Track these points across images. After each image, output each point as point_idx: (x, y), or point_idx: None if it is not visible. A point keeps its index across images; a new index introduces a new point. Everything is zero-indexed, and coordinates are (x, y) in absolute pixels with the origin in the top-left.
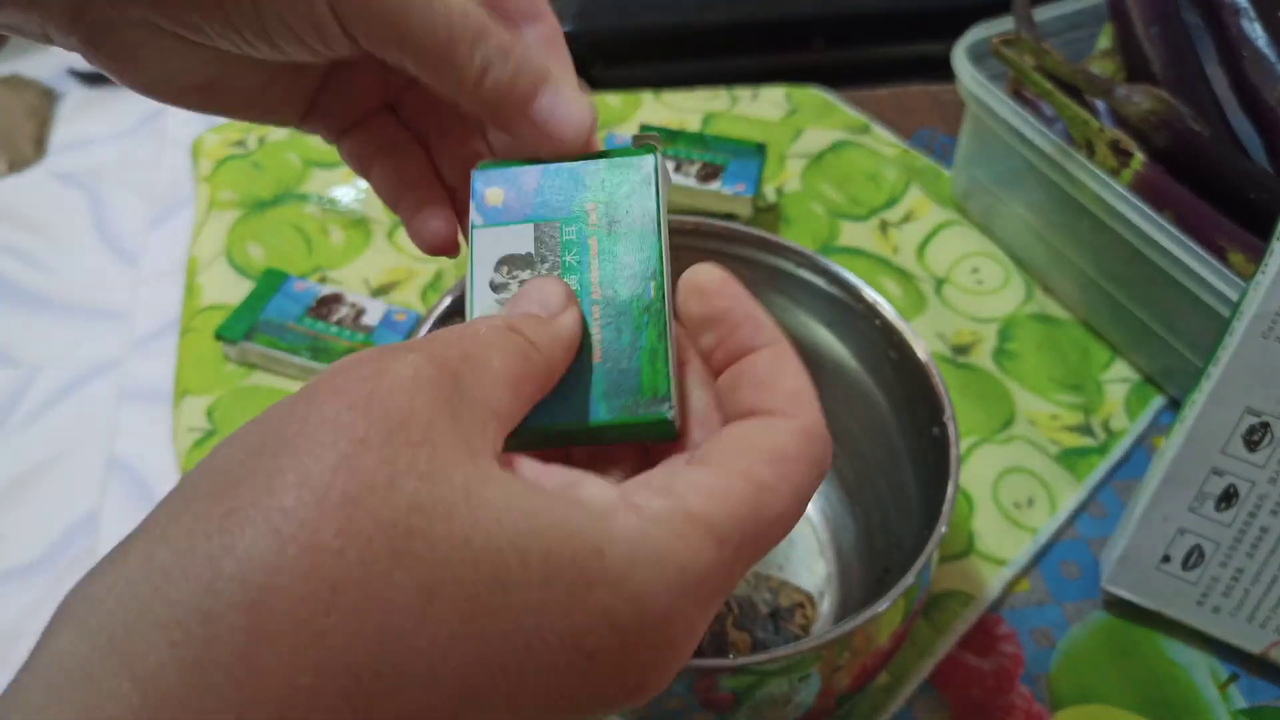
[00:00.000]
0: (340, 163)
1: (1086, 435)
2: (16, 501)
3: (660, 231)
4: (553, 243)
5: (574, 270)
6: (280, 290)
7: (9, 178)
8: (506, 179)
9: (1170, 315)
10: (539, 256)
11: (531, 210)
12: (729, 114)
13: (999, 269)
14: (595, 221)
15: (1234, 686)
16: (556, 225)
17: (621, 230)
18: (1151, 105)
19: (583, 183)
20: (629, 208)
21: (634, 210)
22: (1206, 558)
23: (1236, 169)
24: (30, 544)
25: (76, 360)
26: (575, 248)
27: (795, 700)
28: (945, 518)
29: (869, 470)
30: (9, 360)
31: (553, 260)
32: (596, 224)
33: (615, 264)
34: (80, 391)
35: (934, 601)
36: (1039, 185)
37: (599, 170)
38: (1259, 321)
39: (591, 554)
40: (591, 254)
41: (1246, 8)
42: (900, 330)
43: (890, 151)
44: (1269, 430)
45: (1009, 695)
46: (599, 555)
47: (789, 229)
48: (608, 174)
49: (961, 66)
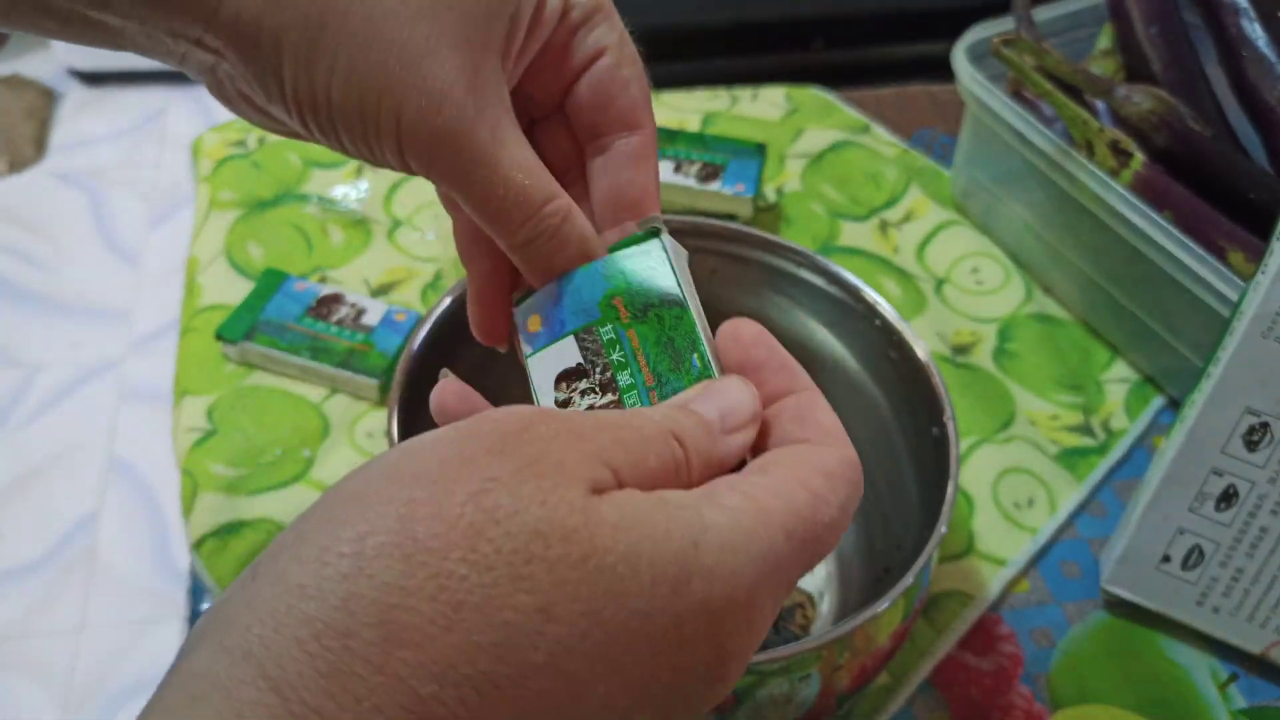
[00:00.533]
0: (340, 163)
1: (1086, 435)
2: (16, 501)
3: (688, 303)
4: (596, 346)
5: (624, 366)
6: (280, 290)
7: (9, 178)
8: (537, 305)
9: (1170, 315)
10: (589, 363)
11: (566, 323)
12: (729, 114)
13: (999, 269)
14: (626, 315)
15: (1234, 686)
16: (593, 329)
17: (653, 315)
18: (1151, 105)
19: (601, 280)
20: (652, 290)
21: (657, 291)
22: (1206, 558)
23: (1236, 169)
24: (30, 544)
25: (77, 360)
26: (618, 345)
27: (795, 700)
28: (945, 518)
29: (869, 470)
30: (9, 360)
31: (602, 363)
32: (629, 316)
33: (659, 348)
34: (80, 391)
35: (934, 601)
36: (1039, 185)
37: (612, 265)
38: (1259, 321)
39: (689, 546)
40: (634, 346)
41: (1246, 8)
42: (900, 330)
43: (890, 151)
44: (1269, 430)
45: (1009, 695)
46: (695, 547)
47: (789, 229)
48: (622, 265)
49: (961, 67)
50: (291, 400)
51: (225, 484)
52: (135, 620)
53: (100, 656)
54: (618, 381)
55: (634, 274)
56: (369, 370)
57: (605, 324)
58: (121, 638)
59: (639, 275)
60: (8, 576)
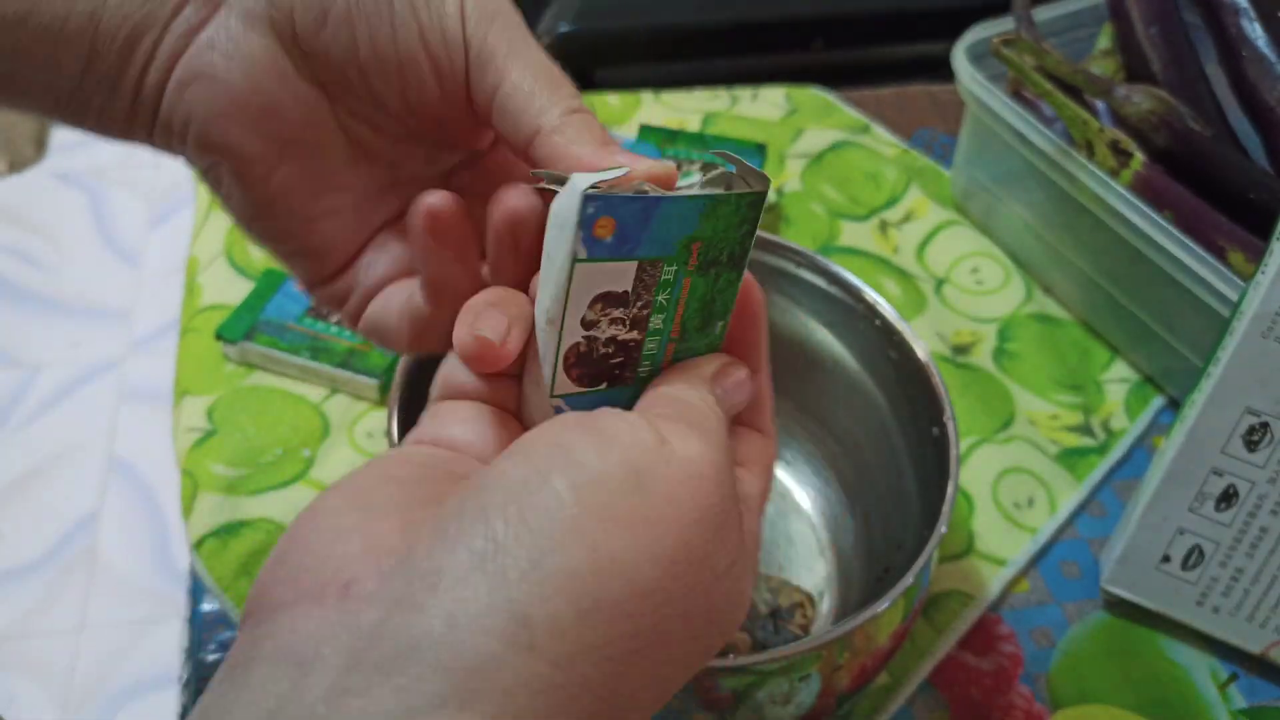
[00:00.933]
0: None
1: (1086, 435)
2: (17, 501)
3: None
4: (651, 282)
5: (662, 309)
6: (280, 290)
7: (9, 178)
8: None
9: (1170, 315)
10: (635, 295)
11: (640, 246)
12: (729, 114)
13: (999, 269)
14: (694, 263)
15: (1234, 686)
16: (659, 265)
17: (714, 272)
18: (1151, 105)
19: (696, 218)
20: (727, 248)
21: (729, 252)
22: (1206, 558)
23: (1236, 169)
24: (30, 544)
25: (77, 360)
26: (670, 287)
27: (795, 700)
28: (945, 518)
29: (869, 470)
30: (9, 360)
31: (645, 299)
32: (695, 265)
33: (699, 304)
34: (80, 391)
35: (934, 601)
36: (1039, 185)
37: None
38: (1259, 321)
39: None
40: (683, 295)
41: (1246, 8)
42: (900, 330)
43: (890, 151)
44: (1269, 430)
45: (1009, 695)
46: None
47: (789, 229)
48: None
49: (961, 67)
50: (291, 400)
51: (225, 484)
52: (135, 620)
53: (100, 656)
54: (650, 323)
55: (724, 225)
56: (369, 370)
57: (673, 264)
58: (121, 638)
59: (727, 228)
60: (8, 576)
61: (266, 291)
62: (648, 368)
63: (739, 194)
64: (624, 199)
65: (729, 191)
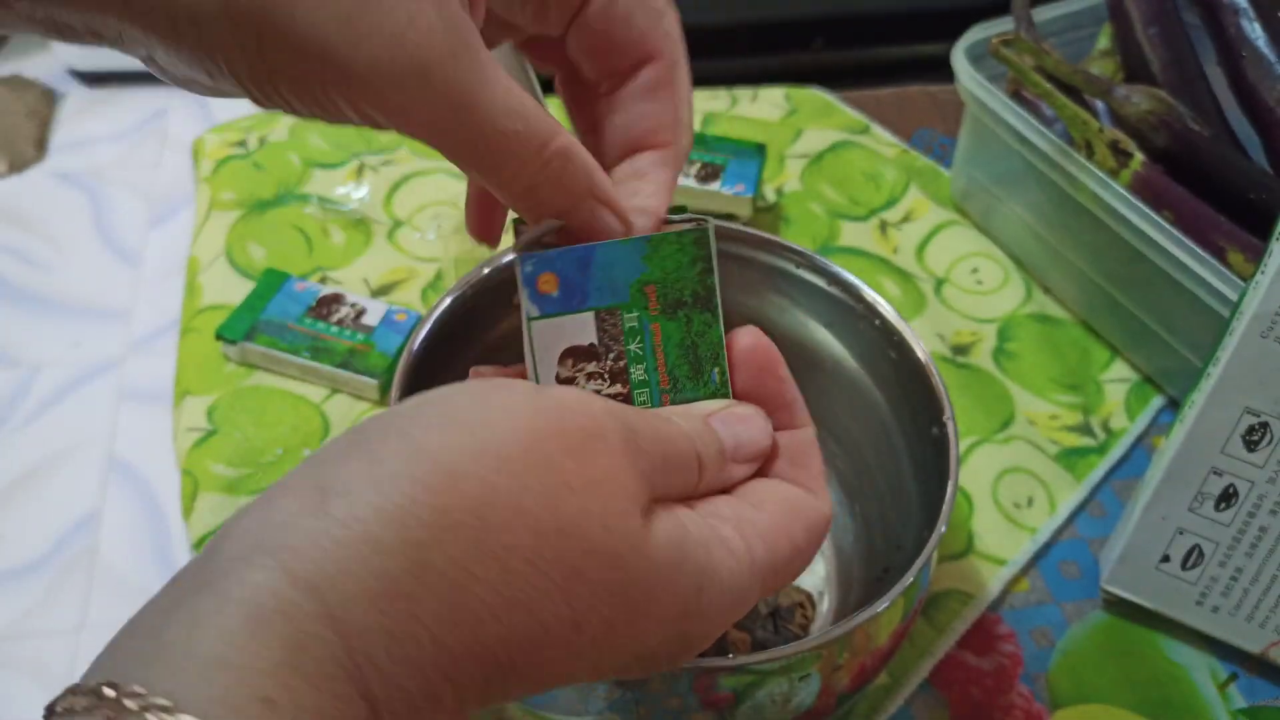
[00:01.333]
0: (341, 163)
1: (1086, 435)
2: (17, 501)
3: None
4: (615, 331)
5: (640, 360)
6: (281, 290)
7: (10, 178)
8: (556, 263)
9: (1170, 315)
10: (604, 346)
11: (590, 297)
12: (729, 114)
13: (998, 269)
14: (656, 306)
15: (1233, 686)
16: (617, 312)
17: (683, 315)
18: (1151, 105)
19: (638, 262)
20: (688, 288)
21: (693, 291)
22: (1206, 557)
23: (1236, 169)
24: (30, 544)
25: (77, 360)
26: (639, 336)
27: (795, 700)
28: (945, 517)
29: (868, 470)
30: (9, 360)
31: (617, 349)
32: (658, 309)
33: (681, 351)
34: (80, 391)
35: (933, 601)
36: (1038, 185)
37: (654, 248)
38: (1258, 321)
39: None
40: (656, 341)
41: (1245, 8)
42: (900, 330)
43: (890, 152)
44: (1268, 430)
45: (1008, 695)
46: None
47: (789, 229)
48: (664, 251)
49: (961, 67)
50: (292, 400)
51: (226, 484)
52: None
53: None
54: (630, 374)
55: (674, 266)
56: (369, 370)
57: (632, 309)
58: None
59: (679, 269)
60: (8, 576)
61: (267, 292)
62: None
63: (678, 232)
64: (559, 252)
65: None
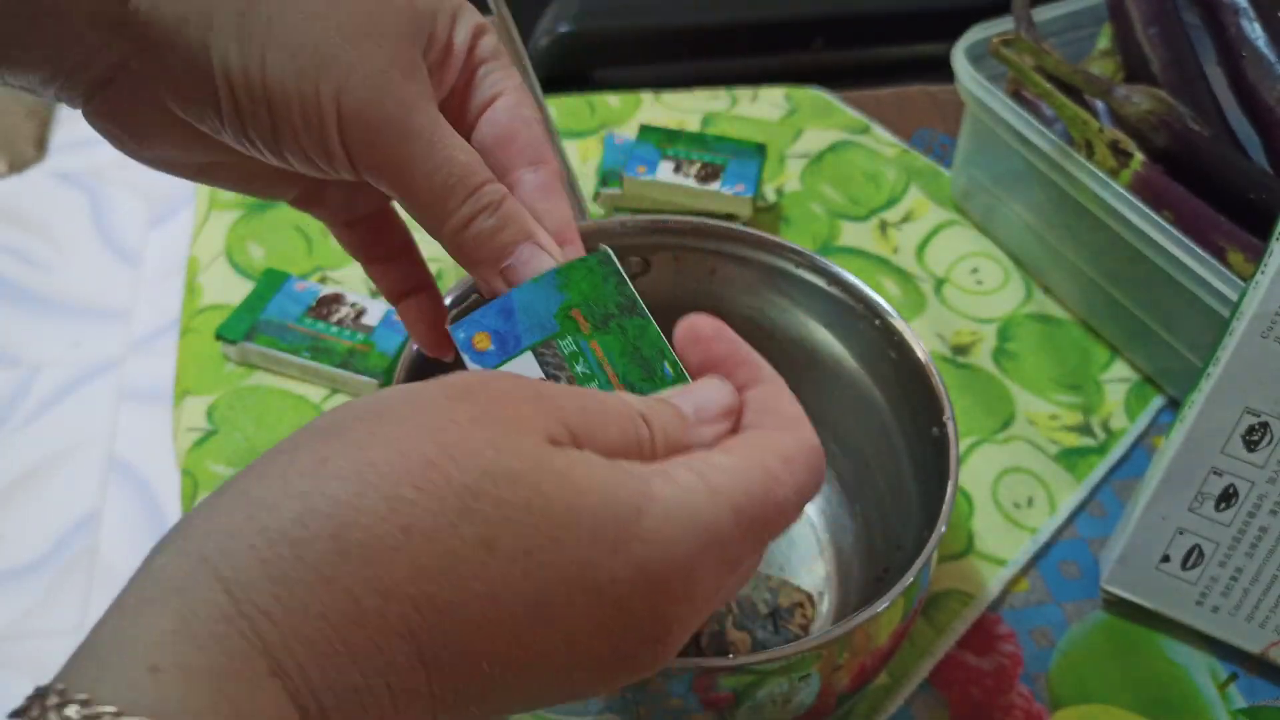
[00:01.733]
0: None
1: (1086, 435)
2: (17, 501)
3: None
4: (558, 360)
5: (590, 379)
6: (281, 290)
7: (9, 178)
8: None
9: (1170, 315)
10: (552, 378)
11: (522, 339)
12: (729, 114)
13: (998, 269)
14: (587, 326)
15: (1233, 686)
16: (553, 343)
17: (615, 325)
18: (1151, 105)
19: (554, 292)
20: (611, 301)
21: (616, 302)
22: (1206, 557)
23: (1236, 169)
24: (30, 544)
25: (77, 360)
26: (581, 358)
27: (795, 700)
28: (945, 517)
29: (868, 470)
30: (9, 360)
31: (566, 376)
32: (590, 327)
33: (627, 359)
34: (80, 391)
35: (933, 601)
36: (1038, 185)
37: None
38: (1258, 322)
39: (632, 513)
40: (599, 356)
41: (1245, 8)
42: (900, 330)
43: (890, 152)
44: (1268, 430)
45: (1008, 695)
46: (637, 512)
47: (789, 229)
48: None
49: (961, 67)
50: (292, 400)
51: None
52: None
53: None
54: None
55: (590, 287)
56: (369, 370)
57: (565, 336)
58: None
59: (595, 288)
60: (8, 576)
61: (267, 292)
62: None
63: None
64: (481, 310)
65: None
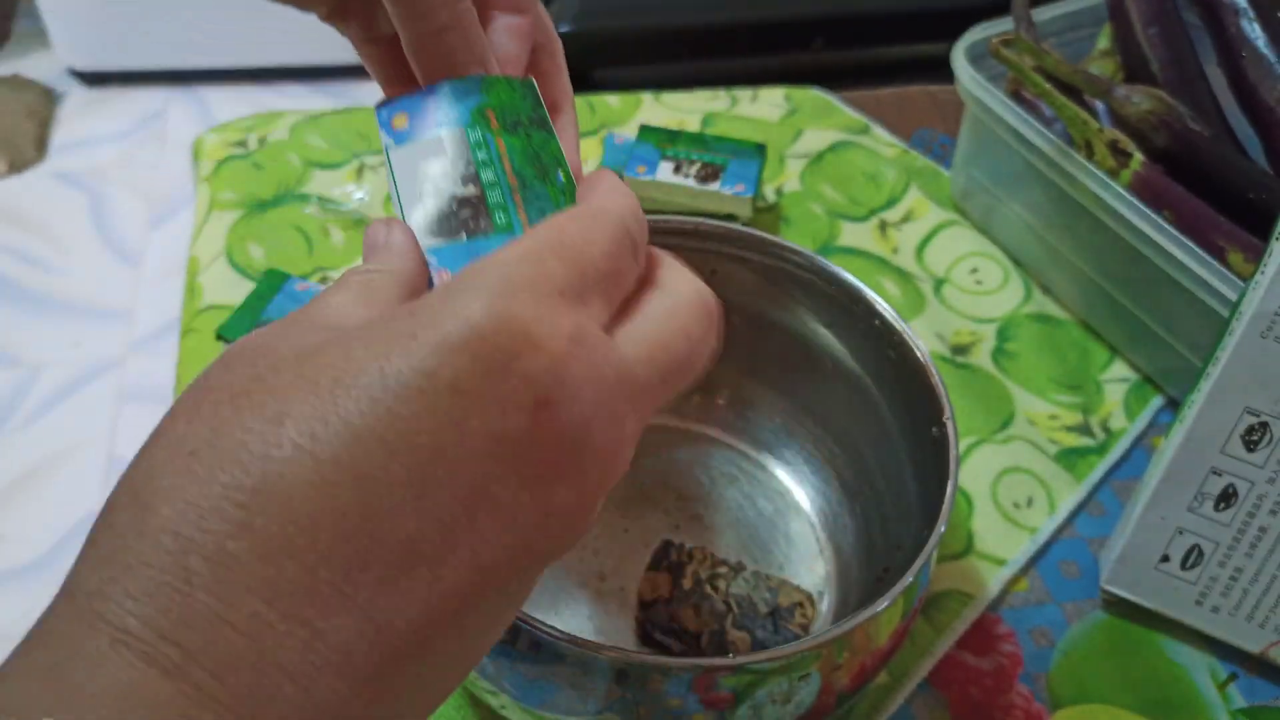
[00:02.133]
0: (340, 164)
1: (1085, 435)
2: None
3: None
4: (462, 146)
5: (488, 165)
6: (282, 290)
7: (10, 178)
8: (405, 105)
9: (1169, 315)
10: (455, 161)
11: (437, 124)
12: (729, 114)
13: (998, 269)
14: (496, 124)
15: (1233, 686)
16: (462, 131)
17: (523, 131)
18: (1150, 105)
19: (476, 93)
20: (524, 111)
21: (529, 114)
22: (1205, 557)
23: (1235, 169)
24: (31, 544)
25: (77, 360)
26: (484, 148)
27: (795, 699)
28: (944, 517)
29: (868, 470)
30: (10, 360)
31: (466, 159)
32: (499, 126)
33: (524, 158)
34: (81, 391)
35: (933, 601)
36: (1038, 185)
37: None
38: (1258, 321)
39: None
40: (501, 151)
41: (1245, 8)
42: (899, 330)
43: (890, 152)
44: (1268, 430)
45: (1008, 694)
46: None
47: (789, 229)
48: (496, 86)
49: (961, 67)
50: None
51: None
52: None
53: None
54: (480, 177)
55: (509, 99)
56: None
57: (475, 128)
58: None
59: (514, 102)
60: (8, 576)
61: (268, 292)
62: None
63: (507, 77)
64: (405, 96)
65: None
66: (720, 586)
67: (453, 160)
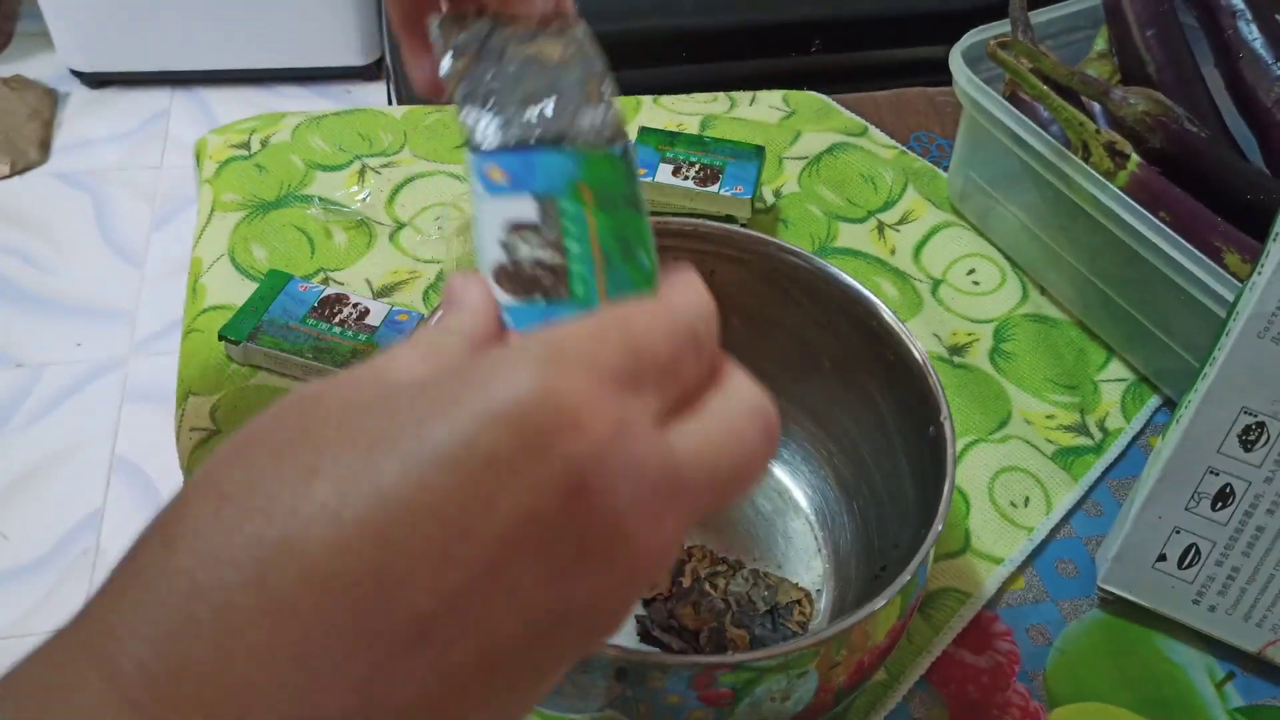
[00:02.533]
0: (342, 165)
1: (1082, 435)
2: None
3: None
4: (554, 214)
5: (576, 237)
6: (284, 291)
7: (12, 179)
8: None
9: (1166, 316)
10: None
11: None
12: (727, 117)
13: (995, 270)
14: (591, 201)
15: (1230, 685)
16: (555, 199)
17: (611, 210)
18: (1147, 107)
19: (573, 167)
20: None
21: (622, 195)
22: (1202, 557)
23: (1232, 170)
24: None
25: (79, 361)
26: (574, 220)
27: (793, 696)
28: (942, 516)
29: (866, 469)
30: (12, 360)
31: (555, 225)
32: (592, 203)
33: (610, 235)
34: (83, 391)
35: (930, 599)
36: (1035, 187)
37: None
38: (1255, 322)
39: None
40: (590, 224)
41: (1243, 10)
42: (897, 331)
43: (887, 154)
44: (1265, 430)
45: (1005, 692)
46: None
47: (787, 230)
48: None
49: (958, 69)
50: None
51: None
52: None
53: None
54: (566, 247)
55: (607, 173)
56: None
57: (570, 200)
58: None
59: (611, 175)
60: (10, 576)
61: (270, 292)
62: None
63: (606, 152)
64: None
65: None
66: (719, 584)
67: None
